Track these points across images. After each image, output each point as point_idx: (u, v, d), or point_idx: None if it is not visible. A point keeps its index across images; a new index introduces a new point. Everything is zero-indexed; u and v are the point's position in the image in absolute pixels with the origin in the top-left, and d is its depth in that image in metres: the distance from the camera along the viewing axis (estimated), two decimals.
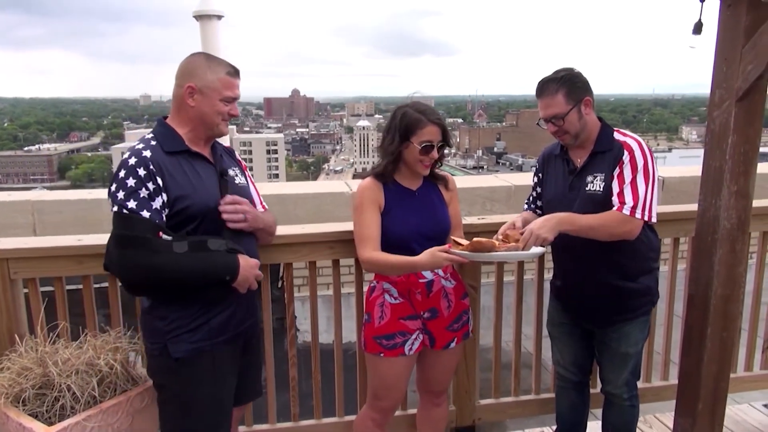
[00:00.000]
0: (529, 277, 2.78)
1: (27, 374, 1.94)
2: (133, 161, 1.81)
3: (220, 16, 5.84)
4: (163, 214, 1.82)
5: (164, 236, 1.79)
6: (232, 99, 1.93)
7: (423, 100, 2.19)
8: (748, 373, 3.03)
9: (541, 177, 2.44)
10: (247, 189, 2.09)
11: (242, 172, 2.11)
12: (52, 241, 2.41)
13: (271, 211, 2.24)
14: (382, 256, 2.11)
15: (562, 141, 2.27)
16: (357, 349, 2.57)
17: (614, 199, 2.13)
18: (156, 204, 1.80)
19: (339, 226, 2.49)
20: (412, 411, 2.66)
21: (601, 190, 2.17)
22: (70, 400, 1.90)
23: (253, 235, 2.09)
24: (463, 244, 1.99)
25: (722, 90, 2.15)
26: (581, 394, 2.57)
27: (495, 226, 2.53)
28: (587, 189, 2.20)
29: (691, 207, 2.49)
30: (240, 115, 2.26)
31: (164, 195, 1.81)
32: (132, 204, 1.77)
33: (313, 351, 2.59)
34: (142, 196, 1.78)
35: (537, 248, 2.04)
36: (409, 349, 2.22)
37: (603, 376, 2.44)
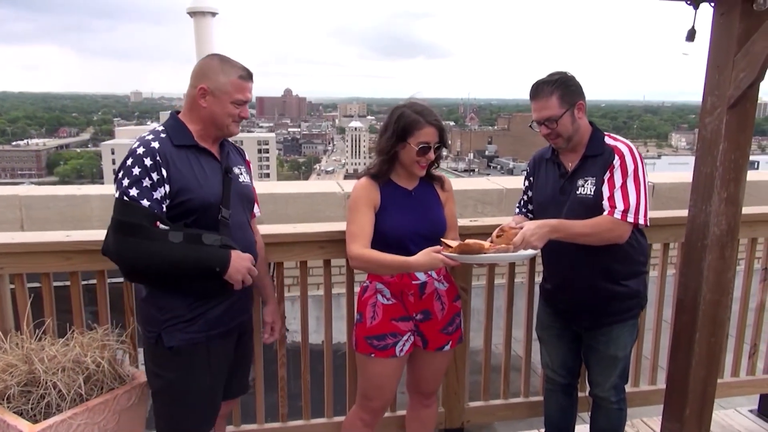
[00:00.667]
0: (519, 280, 2.79)
1: (12, 371, 1.91)
2: (141, 150, 1.85)
3: (214, 13, 5.83)
4: (164, 205, 1.85)
5: (161, 226, 1.82)
6: (243, 102, 1.97)
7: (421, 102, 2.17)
8: (735, 379, 3.06)
9: (532, 180, 2.45)
10: (249, 187, 2.13)
11: (248, 171, 2.14)
12: (40, 236, 2.38)
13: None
14: (374, 254, 2.09)
15: (554, 144, 2.27)
16: (347, 350, 2.57)
17: (605, 203, 2.14)
18: (157, 194, 1.83)
19: (331, 226, 2.48)
20: (402, 412, 2.65)
21: (592, 194, 2.18)
22: (56, 397, 1.88)
23: (252, 232, 2.13)
24: (453, 246, 1.99)
25: (714, 97, 2.17)
26: (570, 397, 2.58)
27: (487, 229, 2.53)
28: (578, 192, 2.21)
29: (681, 213, 2.51)
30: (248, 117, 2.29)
31: (167, 186, 1.85)
32: (134, 192, 1.81)
33: (303, 351, 2.58)
34: (144, 185, 1.82)
35: (527, 250, 2.05)
36: (400, 350, 2.21)
37: (591, 380, 2.45)
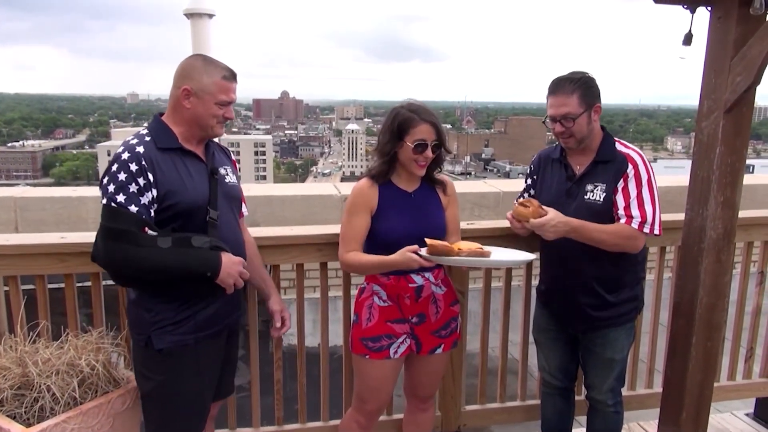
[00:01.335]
0: (516, 283, 2.79)
1: (5, 374, 1.90)
2: (126, 156, 1.83)
3: (211, 15, 5.82)
4: (152, 210, 1.84)
5: (150, 231, 1.81)
6: (227, 102, 1.95)
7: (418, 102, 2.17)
8: (731, 382, 3.05)
9: (536, 179, 2.42)
10: (236, 188, 2.12)
11: (234, 171, 2.13)
12: (35, 238, 2.37)
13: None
14: (356, 257, 2.13)
15: (565, 144, 2.23)
16: (343, 353, 2.55)
17: (620, 213, 2.14)
18: (145, 199, 1.82)
19: (327, 229, 2.47)
20: (398, 416, 2.64)
21: (601, 200, 2.17)
22: (50, 401, 1.87)
23: (241, 232, 2.12)
24: (434, 246, 1.99)
25: (711, 101, 2.18)
26: (566, 401, 2.58)
27: (484, 232, 2.54)
28: (586, 197, 2.19)
29: (677, 216, 2.51)
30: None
31: (154, 191, 1.84)
32: (121, 198, 1.79)
33: (299, 354, 2.57)
34: (131, 190, 1.80)
35: (502, 257, 2.06)
36: (395, 352, 2.21)
37: (588, 383, 2.44)
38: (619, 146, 2.22)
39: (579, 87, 2.14)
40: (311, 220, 4.58)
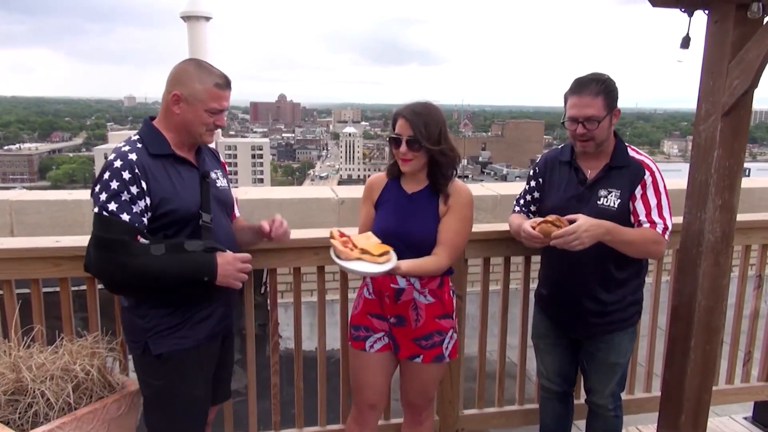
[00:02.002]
0: (514, 287, 2.77)
1: None
2: (118, 164, 1.80)
3: (208, 18, 5.81)
4: (145, 218, 1.82)
5: (142, 240, 1.79)
6: (219, 110, 1.92)
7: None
8: (730, 386, 3.05)
9: (541, 182, 2.36)
10: (227, 191, 2.11)
11: (224, 175, 2.12)
12: (29, 242, 2.35)
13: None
14: None
15: (583, 147, 2.17)
16: (340, 357, 2.54)
17: (642, 219, 2.12)
18: (137, 208, 1.80)
19: (325, 232, 2.44)
20: (397, 420, 2.62)
21: (616, 206, 2.13)
22: (44, 406, 1.85)
23: (234, 238, 2.09)
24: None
25: (708, 104, 2.18)
26: (565, 405, 2.57)
27: (481, 235, 2.53)
28: (599, 203, 2.16)
29: (675, 220, 2.49)
30: (226, 121, 2.22)
31: (147, 199, 1.82)
32: (113, 206, 1.77)
33: (296, 358, 2.56)
34: (123, 199, 1.78)
35: (380, 266, 1.94)
36: (370, 346, 2.22)
37: (589, 387, 2.43)
38: (631, 152, 2.19)
39: (604, 89, 2.08)
40: (308, 224, 4.56)
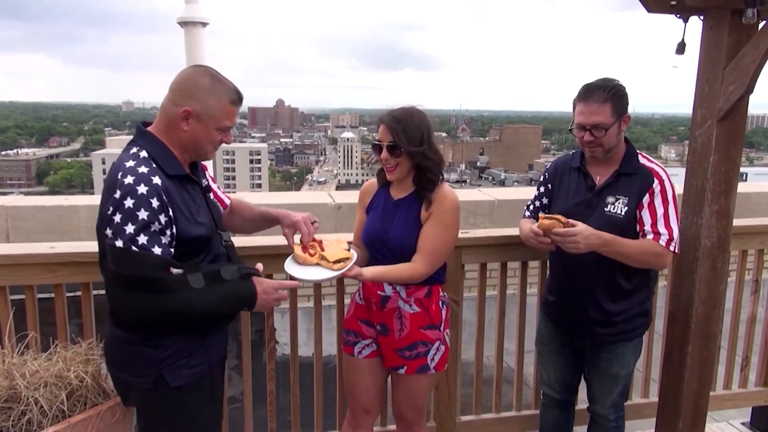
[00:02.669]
0: (511, 292, 2.77)
1: None
2: (143, 189, 1.59)
3: (205, 23, 5.81)
4: (172, 249, 1.65)
5: (174, 270, 1.62)
6: (229, 128, 1.78)
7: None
8: (727, 391, 3.04)
9: (550, 188, 2.34)
10: (217, 203, 2.03)
11: (207, 181, 1.99)
12: (24, 248, 2.34)
13: None
14: None
15: (591, 153, 2.15)
16: (336, 363, 2.53)
17: (647, 229, 2.08)
18: (165, 238, 1.62)
19: (322, 237, 2.44)
20: (393, 427, 2.61)
21: (623, 214, 2.10)
22: (38, 413, 1.83)
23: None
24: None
25: (704, 110, 2.18)
26: (566, 413, 2.55)
27: (479, 240, 2.53)
28: (606, 210, 2.13)
29: None
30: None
31: (174, 227, 1.65)
32: (143, 240, 1.56)
33: (292, 364, 2.54)
34: (153, 230, 1.58)
35: (330, 272, 1.94)
36: (359, 352, 2.23)
37: (591, 396, 2.40)
38: (641, 159, 2.16)
39: (612, 96, 2.05)
40: None
